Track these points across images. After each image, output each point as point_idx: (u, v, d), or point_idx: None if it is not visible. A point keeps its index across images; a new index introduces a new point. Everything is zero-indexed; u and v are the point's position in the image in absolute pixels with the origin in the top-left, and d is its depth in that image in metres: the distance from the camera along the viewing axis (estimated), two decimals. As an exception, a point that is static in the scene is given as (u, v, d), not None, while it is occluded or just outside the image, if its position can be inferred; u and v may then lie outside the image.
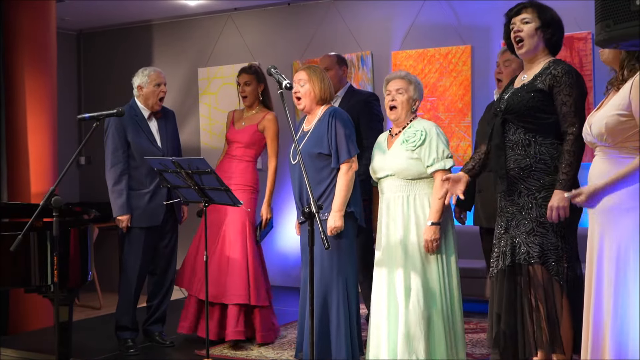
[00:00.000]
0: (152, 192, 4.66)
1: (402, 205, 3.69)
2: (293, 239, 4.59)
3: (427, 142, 3.66)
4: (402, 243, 3.66)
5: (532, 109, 3.17)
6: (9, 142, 5.64)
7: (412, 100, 3.76)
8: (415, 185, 3.69)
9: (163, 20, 7.54)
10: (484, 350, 4.62)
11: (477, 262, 5.62)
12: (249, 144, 4.82)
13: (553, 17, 3.24)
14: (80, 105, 8.03)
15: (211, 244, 4.69)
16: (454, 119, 6.16)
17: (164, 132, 4.77)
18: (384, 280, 3.71)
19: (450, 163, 3.66)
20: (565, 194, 2.98)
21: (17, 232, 3.52)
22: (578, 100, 3.12)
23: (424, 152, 3.66)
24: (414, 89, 3.77)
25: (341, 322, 3.85)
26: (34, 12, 5.69)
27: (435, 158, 3.64)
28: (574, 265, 3.19)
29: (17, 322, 5.57)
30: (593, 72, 5.60)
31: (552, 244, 3.14)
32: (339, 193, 3.84)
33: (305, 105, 4.02)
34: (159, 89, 4.73)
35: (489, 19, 6.06)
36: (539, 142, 3.18)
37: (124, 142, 4.64)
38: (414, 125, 3.76)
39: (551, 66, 3.18)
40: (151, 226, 4.68)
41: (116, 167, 4.63)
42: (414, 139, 3.68)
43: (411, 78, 3.80)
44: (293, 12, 6.93)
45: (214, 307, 4.67)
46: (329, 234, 3.80)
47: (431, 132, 3.68)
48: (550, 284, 3.14)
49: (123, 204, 4.59)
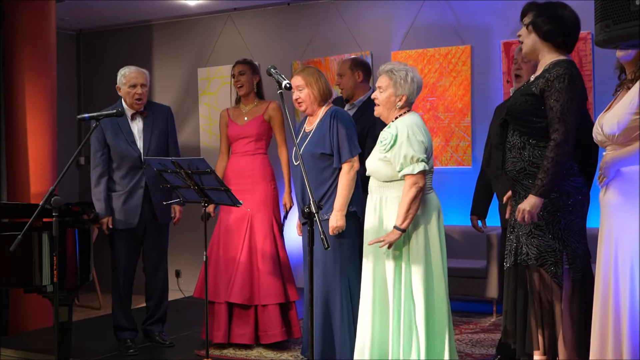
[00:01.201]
0: (128, 193, 4.63)
1: (375, 207, 3.57)
2: (295, 240, 4.59)
3: (397, 145, 3.44)
4: (375, 245, 3.52)
5: (525, 113, 3.15)
6: (9, 142, 5.64)
7: (395, 97, 3.52)
8: (386, 188, 3.52)
9: (163, 20, 7.53)
10: (484, 350, 4.63)
11: (477, 262, 5.63)
12: (260, 136, 4.79)
13: (554, 14, 3.13)
14: (80, 105, 8.02)
15: (236, 245, 4.66)
16: (453, 119, 6.16)
17: (148, 132, 4.69)
18: (367, 282, 3.59)
19: (420, 167, 3.39)
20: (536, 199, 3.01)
21: (17, 232, 3.52)
22: (566, 105, 3.03)
23: (394, 156, 3.46)
24: (395, 85, 3.51)
25: (344, 322, 3.85)
26: (34, 12, 5.69)
27: (402, 163, 3.41)
28: (579, 266, 3.16)
29: (17, 322, 5.57)
30: (593, 72, 5.60)
31: (550, 246, 3.13)
32: (341, 192, 3.84)
33: (307, 108, 4.03)
34: (134, 91, 4.63)
35: (488, 19, 6.06)
36: (533, 145, 3.15)
37: (103, 144, 4.63)
38: (393, 124, 3.55)
39: (550, 68, 3.12)
40: (127, 228, 4.65)
41: (95, 170, 4.64)
42: (385, 142, 3.51)
43: (395, 74, 3.52)
44: (293, 12, 6.93)
45: (249, 310, 4.63)
46: (331, 234, 3.80)
47: (402, 135, 3.44)
48: (549, 286, 3.14)
49: (102, 207, 4.60)
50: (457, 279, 5.37)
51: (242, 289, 4.57)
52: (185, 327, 5.32)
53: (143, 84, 4.67)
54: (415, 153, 3.41)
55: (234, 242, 4.68)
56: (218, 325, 4.64)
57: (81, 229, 4.08)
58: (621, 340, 2.71)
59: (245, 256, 4.63)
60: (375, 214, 3.57)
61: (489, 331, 5.13)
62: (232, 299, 4.58)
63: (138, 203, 4.62)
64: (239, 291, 4.57)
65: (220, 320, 4.64)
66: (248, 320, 4.62)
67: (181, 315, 5.75)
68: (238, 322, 4.64)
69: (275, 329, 4.60)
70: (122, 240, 4.66)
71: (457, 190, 5.92)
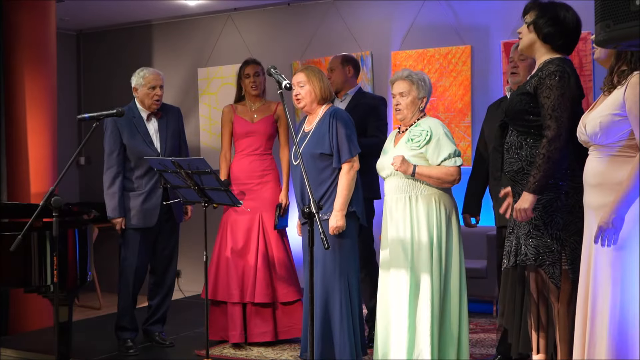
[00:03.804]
0: (147, 193, 4.64)
1: (405, 206, 3.67)
2: (295, 240, 4.59)
3: (435, 142, 3.65)
4: (410, 243, 3.64)
5: (521, 112, 3.16)
6: (9, 142, 5.63)
7: (418, 99, 3.75)
8: (417, 185, 3.68)
9: (163, 20, 7.53)
10: (484, 350, 4.63)
11: (477, 262, 5.63)
12: (271, 135, 4.84)
13: (556, 17, 3.14)
14: (80, 105, 8.02)
15: (251, 245, 4.70)
16: (453, 119, 6.16)
17: (163, 132, 4.75)
18: (391, 281, 3.69)
19: (460, 162, 3.68)
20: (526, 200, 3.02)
21: (17, 232, 3.52)
22: (557, 102, 3.03)
23: (431, 152, 3.65)
24: (417, 88, 3.74)
25: (344, 322, 3.85)
26: (34, 12, 5.69)
27: (445, 157, 3.65)
28: (577, 267, 3.15)
29: (17, 322, 5.58)
30: (593, 72, 5.60)
31: (547, 246, 3.12)
32: (341, 193, 3.84)
33: (306, 105, 4.02)
34: (154, 92, 4.67)
35: (488, 19, 6.06)
36: (530, 144, 3.16)
37: (119, 145, 4.64)
38: (420, 123, 3.74)
39: (543, 67, 3.13)
40: (146, 227, 4.67)
41: (111, 170, 4.64)
42: (419, 138, 3.67)
43: (413, 77, 3.76)
44: (293, 12, 6.93)
45: (268, 308, 4.67)
46: (331, 234, 3.81)
47: (437, 132, 3.66)
48: (546, 287, 3.14)
49: (116, 206, 4.60)
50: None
51: (266, 288, 4.64)
52: (185, 327, 5.32)
53: (161, 86, 4.73)
54: (455, 148, 3.68)
55: (247, 243, 4.71)
56: (234, 325, 4.65)
57: (81, 229, 4.08)
58: (595, 341, 2.73)
59: (263, 256, 4.68)
60: (402, 213, 3.67)
61: (489, 331, 5.13)
62: (257, 299, 4.63)
63: (157, 202, 4.64)
64: (262, 290, 4.62)
65: (236, 320, 4.65)
66: (268, 319, 4.67)
67: (181, 315, 5.75)
68: (256, 322, 4.67)
69: (299, 324, 4.60)
70: (136, 240, 4.67)
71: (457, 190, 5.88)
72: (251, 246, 4.70)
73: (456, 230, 3.74)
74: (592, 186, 2.81)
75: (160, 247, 4.80)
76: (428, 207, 3.66)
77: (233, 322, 4.65)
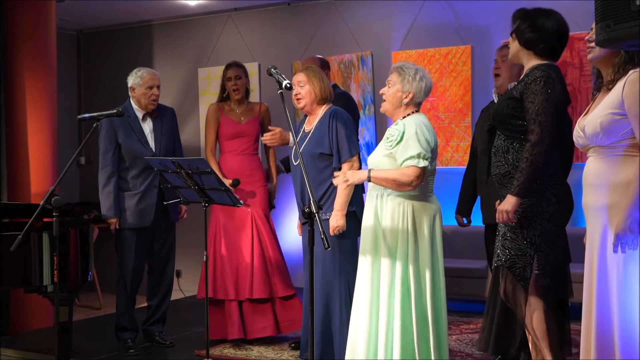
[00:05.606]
0: (142, 193, 4.65)
1: (376, 204, 3.50)
2: (295, 240, 4.60)
3: (404, 141, 3.39)
4: (375, 243, 3.48)
5: (507, 116, 3.21)
6: (9, 142, 5.63)
7: (402, 93, 3.48)
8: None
9: (163, 20, 7.53)
10: (484, 350, 4.63)
11: (477, 262, 5.63)
12: (258, 136, 4.89)
13: (535, 23, 3.19)
14: (80, 105, 8.02)
15: (245, 243, 4.73)
16: (454, 119, 6.16)
17: (158, 132, 4.75)
18: (364, 281, 3.53)
19: (424, 164, 3.34)
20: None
21: (17, 232, 3.52)
22: (541, 107, 3.08)
23: (399, 153, 3.40)
24: (403, 81, 3.48)
25: (344, 322, 3.84)
26: (34, 12, 5.69)
27: (407, 158, 3.35)
28: (548, 273, 3.18)
29: (17, 322, 5.57)
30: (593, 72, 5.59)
31: (521, 249, 3.16)
32: (341, 192, 3.83)
33: (306, 104, 4.03)
34: (151, 92, 4.68)
35: (488, 19, 6.06)
36: (516, 148, 3.20)
37: (114, 144, 4.65)
38: (400, 122, 3.50)
39: (529, 73, 3.19)
40: (142, 227, 4.67)
41: (105, 170, 4.65)
42: (392, 138, 3.46)
43: (405, 70, 3.50)
44: (293, 12, 6.93)
45: (266, 304, 4.71)
46: (331, 234, 3.80)
47: (410, 131, 3.39)
48: (515, 289, 3.17)
49: (110, 206, 4.61)
50: (457, 279, 5.37)
51: (263, 283, 4.67)
52: (185, 327, 5.32)
53: (158, 85, 4.74)
54: (422, 150, 3.35)
55: (241, 241, 4.74)
56: (231, 322, 4.68)
57: (81, 229, 4.08)
58: (590, 341, 2.75)
59: (258, 253, 4.72)
60: (373, 211, 3.51)
61: (489, 331, 5.12)
62: (255, 295, 4.65)
63: (153, 202, 4.65)
64: (260, 286, 4.66)
65: (233, 317, 4.68)
66: (267, 314, 4.70)
67: (181, 315, 5.76)
68: (256, 317, 4.70)
69: (300, 317, 4.61)
70: (132, 240, 4.68)
71: (457, 190, 5.89)
72: (246, 244, 4.73)
73: (427, 237, 3.45)
74: (592, 186, 2.80)
75: (157, 247, 4.81)
76: (394, 211, 3.43)
77: (231, 318, 4.68)
